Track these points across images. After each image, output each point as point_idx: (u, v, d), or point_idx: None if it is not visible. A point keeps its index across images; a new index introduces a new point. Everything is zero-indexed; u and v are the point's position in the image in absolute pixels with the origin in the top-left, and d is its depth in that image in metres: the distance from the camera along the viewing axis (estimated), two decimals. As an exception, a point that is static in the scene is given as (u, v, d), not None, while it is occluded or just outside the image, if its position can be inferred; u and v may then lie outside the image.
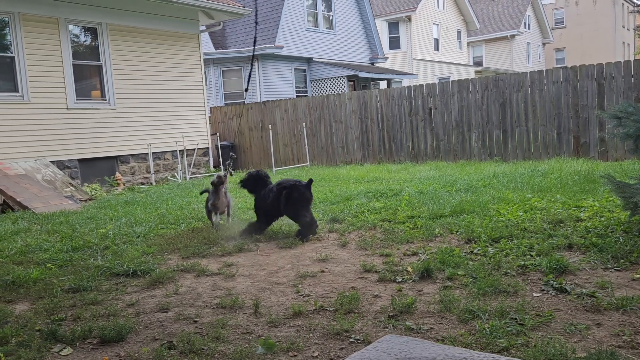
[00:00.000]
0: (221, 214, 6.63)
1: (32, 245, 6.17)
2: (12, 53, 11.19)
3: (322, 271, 4.75)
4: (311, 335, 3.37)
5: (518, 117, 12.57)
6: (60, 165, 11.84)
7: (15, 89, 11.28)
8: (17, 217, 8.18)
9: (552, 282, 4.00)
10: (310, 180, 6.05)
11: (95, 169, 12.65)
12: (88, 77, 12.75)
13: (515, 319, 3.37)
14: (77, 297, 4.33)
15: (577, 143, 11.89)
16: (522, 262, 4.48)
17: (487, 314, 3.47)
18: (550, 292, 3.85)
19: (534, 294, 3.84)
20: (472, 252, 4.97)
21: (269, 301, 4.05)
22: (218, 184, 6.43)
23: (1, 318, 3.88)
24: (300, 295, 4.15)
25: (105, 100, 12.89)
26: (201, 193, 7.40)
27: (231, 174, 7.01)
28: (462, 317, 3.46)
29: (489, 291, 3.86)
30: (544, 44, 45.91)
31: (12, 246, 6.15)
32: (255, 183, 6.38)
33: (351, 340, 3.26)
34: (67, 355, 3.30)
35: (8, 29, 11.17)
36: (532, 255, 4.69)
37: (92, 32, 12.70)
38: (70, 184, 10.86)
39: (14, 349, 3.34)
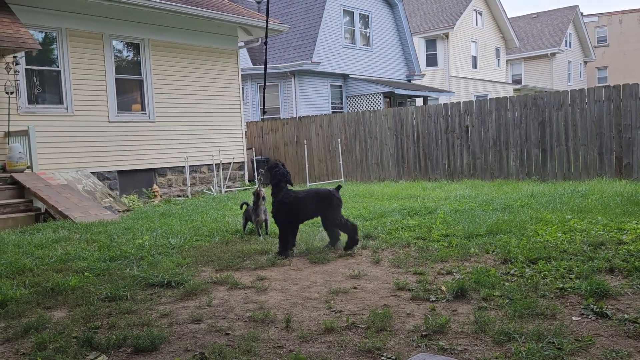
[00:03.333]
0: (260, 226, 7.24)
1: (72, 253, 6.32)
2: (58, 67, 11.60)
3: (355, 288, 4.71)
4: (342, 352, 3.34)
5: (558, 136, 12.32)
6: (100, 176, 12.14)
7: (61, 102, 11.67)
8: (58, 226, 8.40)
9: (592, 306, 3.88)
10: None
11: (133, 180, 12.93)
12: (129, 91, 13.09)
13: (553, 342, 3.27)
14: (112, 306, 4.41)
15: (620, 164, 11.56)
16: (561, 285, 4.36)
17: (523, 336, 3.38)
18: (590, 317, 3.73)
19: (573, 318, 3.72)
20: (508, 272, 4.86)
21: (301, 316, 4.04)
22: (256, 197, 7.15)
23: (40, 324, 3.97)
24: (332, 311, 4.13)
25: (145, 113, 13.19)
26: (241, 207, 7.89)
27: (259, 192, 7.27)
28: (497, 339, 3.38)
29: (526, 313, 3.77)
30: (585, 63, 45.02)
31: (52, 254, 6.31)
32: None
33: (383, 358, 3.22)
34: (101, 362, 3.36)
35: (55, 44, 11.59)
36: (571, 278, 4.56)
37: (135, 47, 13.06)
38: (109, 194, 11.11)
39: (51, 355, 3.42)
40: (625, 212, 7.25)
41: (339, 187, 6.39)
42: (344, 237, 6.22)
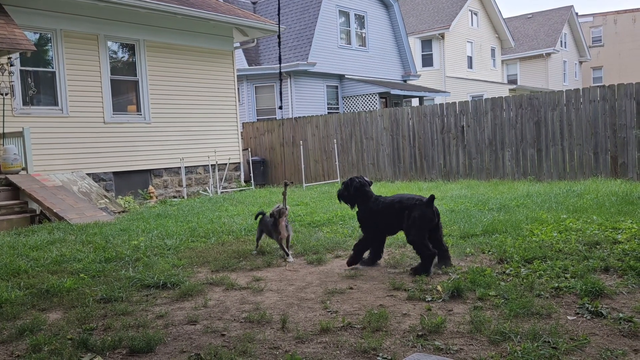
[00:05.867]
0: (280, 242, 6.13)
1: (67, 255, 6.30)
2: (53, 68, 11.56)
3: (351, 288, 4.71)
4: (338, 352, 3.34)
5: (553, 136, 12.35)
6: (96, 177, 12.11)
7: (55, 103, 11.63)
8: (53, 228, 8.38)
9: (587, 305, 3.89)
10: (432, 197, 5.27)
11: (129, 181, 12.90)
12: (125, 92, 13.06)
13: (549, 342, 3.28)
14: (108, 307, 4.39)
15: (615, 163, 11.60)
16: (556, 284, 4.37)
17: (519, 336, 3.38)
18: (585, 316, 3.74)
19: (568, 317, 3.73)
20: (504, 272, 4.87)
21: (297, 317, 4.04)
22: (277, 216, 6.02)
23: (35, 326, 3.96)
24: (328, 311, 4.13)
25: (141, 114, 13.16)
26: (256, 217, 6.79)
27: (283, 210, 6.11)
28: (493, 339, 3.38)
29: (521, 313, 3.78)
30: (580, 63, 45.15)
31: (47, 256, 6.29)
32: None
33: (379, 358, 3.22)
34: (96, 364, 3.35)
35: (50, 45, 11.55)
36: (566, 277, 4.57)
37: (130, 48, 13.04)
38: (105, 196, 11.09)
39: (46, 357, 3.41)
40: (620, 211, 7.27)
41: (432, 197, 5.25)
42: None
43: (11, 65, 10.63)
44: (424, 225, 5.12)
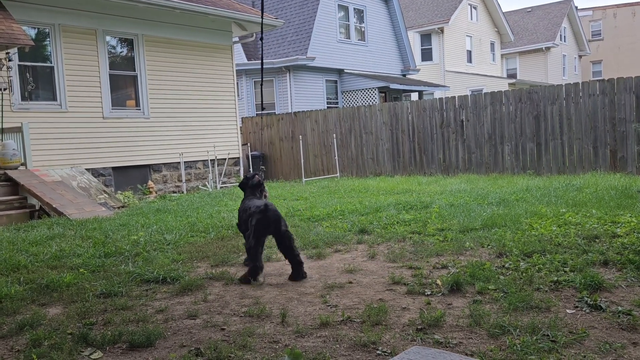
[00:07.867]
0: None
1: (66, 250, 6.30)
2: (51, 63, 11.53)
3: (350, 282, 4.72)
4: (338, 346, 3.35)
5: (552, 130, 12.35)
6: (95, 172, 12.09)
7: (54, 98, 11.60)
8: (53, 223, 8.37)
9: (586, 298, 3.89)
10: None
11: (128, 177, 12.89)
12: (123, 87, 13.03)
13: (548, 335, 3.29)
14: (108, 302, 4.40)
15: (614, 157, 11.60)
16: (555, 278, 4.37)
17: (518, 329, 3.39)
18: (584, 309, 3.75)
19: (567, 311, 3.74)
20: (503, 266, 4.87)
21: (296, 311, 4.04)
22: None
23: (35, 321, 3.96)
24: (328, 305, 4.13)
25: (140, 109, 13.14)
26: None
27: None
28: (492, 332, 3.39)
29: (521, 306, 3.78)
30: (580, 57, 45.07)
31: (47, 251, 6.29)
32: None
33: (378, 352, 3.22)
34: (97, 359, 3.35)
35: (48, 40, 11.52)
36: (565, 271, 4.58)
37: (129, 43, 13.00)
38: (104, 191, 11.08)
39: (46, 352, 3.41)
40: (620, 205, 7.27)
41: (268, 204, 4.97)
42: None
43: (9, 60, 10.60)
44: (259, 233, 4.87)
